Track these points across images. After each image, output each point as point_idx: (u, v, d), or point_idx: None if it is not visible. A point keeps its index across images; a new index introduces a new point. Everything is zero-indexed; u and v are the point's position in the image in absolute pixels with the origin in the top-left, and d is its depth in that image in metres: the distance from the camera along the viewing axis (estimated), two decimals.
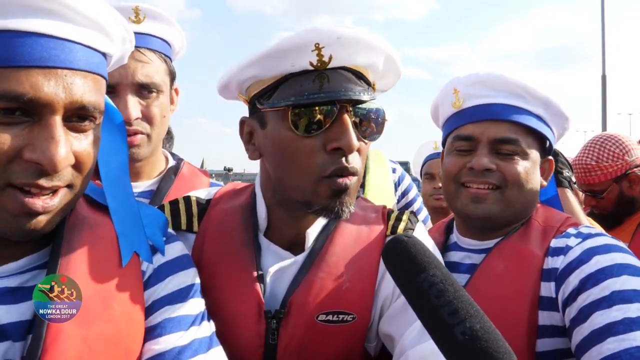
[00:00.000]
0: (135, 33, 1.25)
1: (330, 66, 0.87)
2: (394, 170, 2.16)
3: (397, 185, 2.14)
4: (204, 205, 1.06)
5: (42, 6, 0.66)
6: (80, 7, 0.69)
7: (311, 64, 0.86)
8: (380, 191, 1.94)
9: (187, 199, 1.06)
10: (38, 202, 0.69)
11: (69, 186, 0.73)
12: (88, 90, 0.72)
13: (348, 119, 0.87)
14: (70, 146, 0.71)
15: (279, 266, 0.97)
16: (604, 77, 16.51)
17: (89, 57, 0.72)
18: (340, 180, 0.88)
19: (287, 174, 0.91)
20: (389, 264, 0.66)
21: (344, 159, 0.87)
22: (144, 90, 1.26)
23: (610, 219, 2.17)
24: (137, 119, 1.25)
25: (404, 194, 2.16)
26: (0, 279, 0.73)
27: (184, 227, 1.02)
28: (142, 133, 1.27)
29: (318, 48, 0.85)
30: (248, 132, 0.98)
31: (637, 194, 2.14)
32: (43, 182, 0.68)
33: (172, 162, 1.46)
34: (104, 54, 0.77)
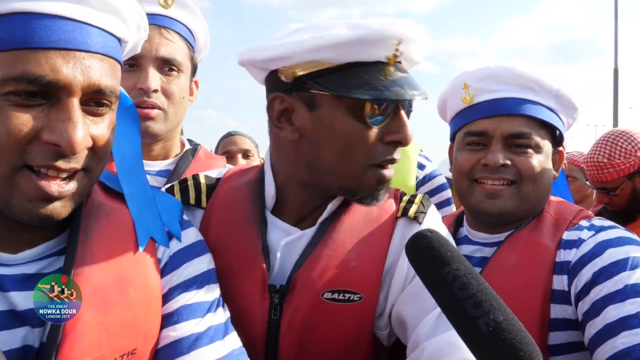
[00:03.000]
0: (163, 16, 1.27)
1: (397, 60, 0.90)
2: (421, 167, 1.96)
3: (420, 183, 1.94)
4: (214, 183, 1.07)
5: None
6: None
7: (387, 57, 0.88)
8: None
9: (195, 177, 1.07)
10: (54, 186, 0.69)
11: (85, 170, 0.74)
12: (105, 74, 0.72)
13: (404, 114, 0.91)
14: (87, 129, 0.71)
15: (288, 240, 0.98)
16: (616, 71, 16.31)
17: (106, 41, 0.73)
18: (386, 171, 0.93)
19: (335, 160, 0.91)
20: (412, 258, 0.66)
21: (396, 152, 0.93)
22: (165, 66, 1.30)
23: (623, 216, 2.15)
24: (155, 91, 1.27)
25: (431, 194, 1.91)
26: (19, 266, 0.74)
27: (192, 202, 1.03)
28: (159, 108, 1.29)
29: (399, 43, 0.87)
30: (282, 110, 0.94)
31: None
32: (61, 163, 0.69)
33: (188, 147, 1.50)
34: (119, 40, 0.78)
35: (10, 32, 0.65)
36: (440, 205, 1.91)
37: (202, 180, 1.07)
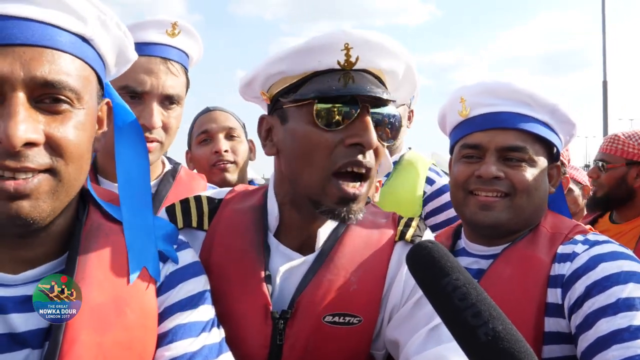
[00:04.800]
0: (169, 46, 1.30)
1: (355, 67, 0.91)
2: (430, 182, 1.87)
3: (428, 199, 1.84)
4: (216, 205, 1.07)
5: None
6: None
7: (338, 62, 0.90)
8: (395, 203, 1.71)
9: (197, 198, 1.08)
10: (10, 184, 0.67)
11: (50, 171, 0.71)
12: (55, 69, 0.70)
13: (369, 119, 0.90)
14: (37, 125, 0.68)
15: (288, 266, 0.98)
16: (605, 83, 16.53)
17: (56, 35, 0.71)
18: (349, 188, 0.90)
19: (301, 168, 0.93)
20: (412, 269, 0.67)
21: (360, 155, 0.90)
22: (166, 101, 1.32)
23: (602, 202, 2.20)
24: (159, 127, 1.30)
25: (439, 210, 1.82)
26: (19, 287, 0.74)
27: (194, 224, 1.04)
28: (157, 141, 1.31)
29: (347, 48, 0.89)
30: (267, 129, 1.01)
31: (637, 187, 2.14)
32: (9, 162, 0.66)
33: (168, 166, 1.48)
34: (80, 37, 0.75)
35: None
36: (448, 222, 1.77)
37: (205, 202, 1.07)
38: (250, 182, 1.96)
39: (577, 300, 0.99)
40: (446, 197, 1.82)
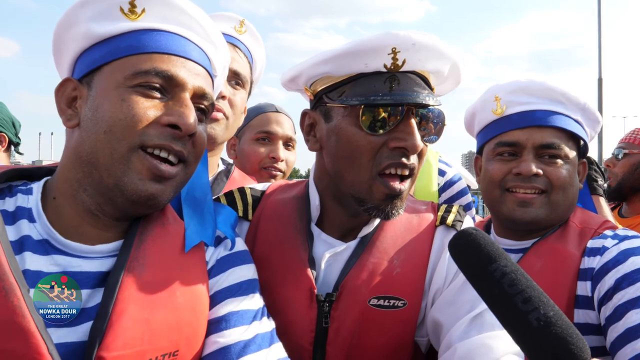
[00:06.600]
0: (236, 38, 1.40)
1: (401, 70, 0.92)
2: (442, 174, 1.92)
3: (442, 190, 1.89)
4: (258, 196, 1.11)
5: (185, 22, 0.87)
6: (208, 28, 0.90)
7: (385, 66, 0.91)
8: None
9: (241, 190, 1.11)
10: (163, 166, 0.81)
11: (185, 165, 0.85)
12: (207, 85, 0.89)
13: (414, 122, 0.91)
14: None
15: (332, 251, 1.00)
16: (600, 81, 16.56)
17: (206, 61, 0.90)
18: (395, 184, 0.92)
19: (345, 168, 0.94)
20: (457, 255, 0.67)
21: (404, 158, 0.92)
22: (233, 79, 1.38)
23: (615, 192, 2.23)
24: (223, 97, 1.35)
25: (452, 200, 1.87)
26: (93, 260, 0.79)
27: (240, 214, 1.07)
28: (224, 114, 1.35)
29: (394, 52, 0.90)
30: (309, 124, 1.02)
31: None
32: (174, 144, 0.81)
33: (222, 167, 1.54)
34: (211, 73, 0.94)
35: (145, 41, 0.83)
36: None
37: (248, 193, 1.10)
38: None
39: (606, 292, 1.02)
40: (457, 187, 1.90)
